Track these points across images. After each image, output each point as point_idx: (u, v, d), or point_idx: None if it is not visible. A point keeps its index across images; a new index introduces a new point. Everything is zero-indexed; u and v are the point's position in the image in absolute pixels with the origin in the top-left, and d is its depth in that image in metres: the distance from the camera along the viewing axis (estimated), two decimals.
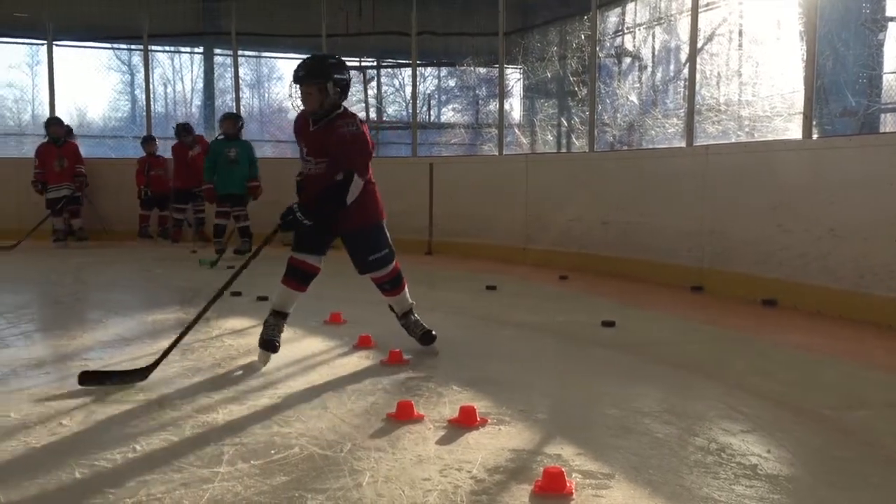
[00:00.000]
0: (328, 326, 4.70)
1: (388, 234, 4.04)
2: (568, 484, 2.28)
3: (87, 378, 3.36)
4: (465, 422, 2.87)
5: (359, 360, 3.93)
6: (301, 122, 4.00)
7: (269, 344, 3.88)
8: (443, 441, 2.72)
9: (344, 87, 3.88)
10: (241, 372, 3.70)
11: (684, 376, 3.77)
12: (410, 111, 11.86)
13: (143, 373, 3.47)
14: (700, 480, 2.37)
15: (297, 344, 4.27)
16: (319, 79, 3.76)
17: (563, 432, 2.83)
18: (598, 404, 3.21)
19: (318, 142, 3.85)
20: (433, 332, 4.12)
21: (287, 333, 4.06)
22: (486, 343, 4.50)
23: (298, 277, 3.92)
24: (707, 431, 2.86)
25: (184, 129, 10.32)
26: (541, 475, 2.30)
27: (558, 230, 7.97)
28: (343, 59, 4.06)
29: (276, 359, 3.86)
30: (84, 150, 11.30)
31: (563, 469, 2.32)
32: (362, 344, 4.18)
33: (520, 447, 2.65)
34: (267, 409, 3.08)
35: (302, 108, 3.96)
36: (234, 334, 4.57)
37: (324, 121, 3.84)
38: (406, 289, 4.11)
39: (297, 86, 3.82)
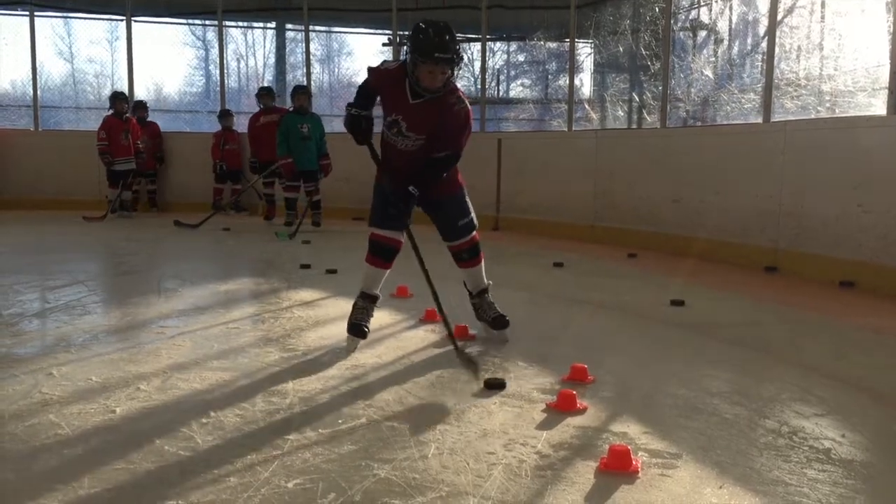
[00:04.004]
0: (395, 300, 4.74)
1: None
2: (634, 462, 2.26)
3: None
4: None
5: (425, 334, 3.95)
6: (392, 86, 3.54)
7: (356, 328, 3.67)
8: (508, 416, 2.72)
9: None
10: (310, 343, 3.76)
11: (756, 358, 3.69)
12: (479, 86, 11.79)
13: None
14: (770, 463, 2.33)
15: None
16: (459, 61, 3.42)
17: (629, 410, 2.80)
18: (665, 383, 3.17)
19: (422, 116, 3.50)
20: (506, 318, 3.82)
21: None
22: (552, 320, 4.48)
23: (382, 254, 3.73)
24: (779, 414, 2.79)
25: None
26: (606, 453, 2.29)
27: (628, 207, 7.86)
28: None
29: (344, 331, 3.88)
30: (160, 125, 11.67)
31: (629, 447, 2.30)
32: (428, 318, 4.21)
33: (585, 424, 2.64)
34: (335, 380, 3.13)
35: (385, 66, 3.66)
36: (304, 306, 4.65)
37: (429, 95, 3.45)
38: (483, 265, 3.90)
39: (425, 60, 3.33)
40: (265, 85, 11.13)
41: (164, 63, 15.50)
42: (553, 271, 6.22)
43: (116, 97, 10.46)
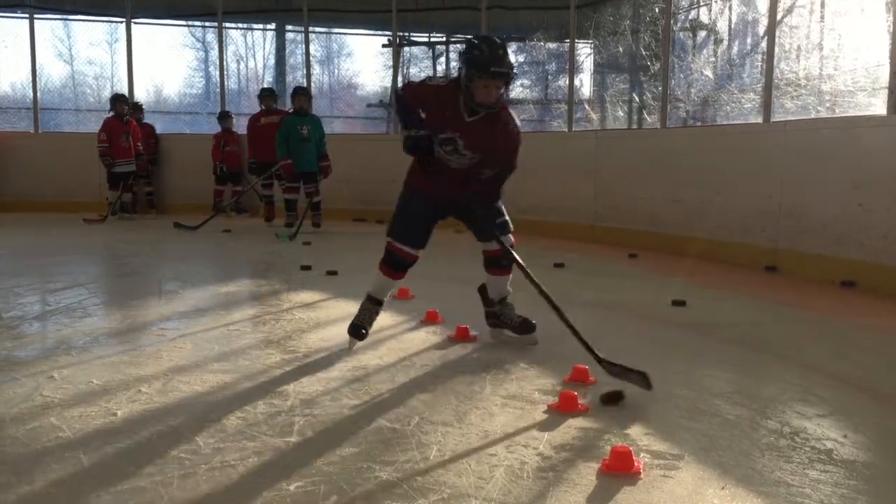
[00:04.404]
0: (396, 301, 4.73)
1: None
2: (636, 463, 2.26)
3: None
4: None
5: (426, 336, 3.95)
6: (442, 104, 3.47)
7: (356, 330, 3.67)
8: (509, 417, 2.72)
9: None
10: (311, 345, 3.76)
11: (757, 358, 3.69)
12: None
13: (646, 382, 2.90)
14: (772, 464, 2.33)
15: None
16: (514, 76, 3.41)
17: (631, 411, 2.80)
18: (667, 384, 3.16)
19: (479, 134, 3.45)
20: (533, 321, 3.74)
21: (355, 308, 4.07)
22: (553, 321, 4.46)
23: (396, 265, 3.69)
24: (780, 414, 2.79)
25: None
26: (608, 454, 2.29)
27: (628, 208, 7.86)
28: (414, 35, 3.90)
29: (345, 333, 3.89)
30: (160, 126, 11.69)
31: (631, 448, 2.29)
32: (429, 319, 4.21)
33: (587, 425, 2.64)
34: (337, 382, 3.13)
35: (433, 81, 3.66)
36: (305, 308, 4.65)
37: (484, 112, 3.42)
38: (511, 274, 3.82)
39: (481, 75, 3.29)
40: (266, 86, 11.13)
41: (164, 65, 15.52)
42: (554, 272, 6.21)
43: (117, 99, 10.48)
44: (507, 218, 3.73)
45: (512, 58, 3.34)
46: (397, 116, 3.68)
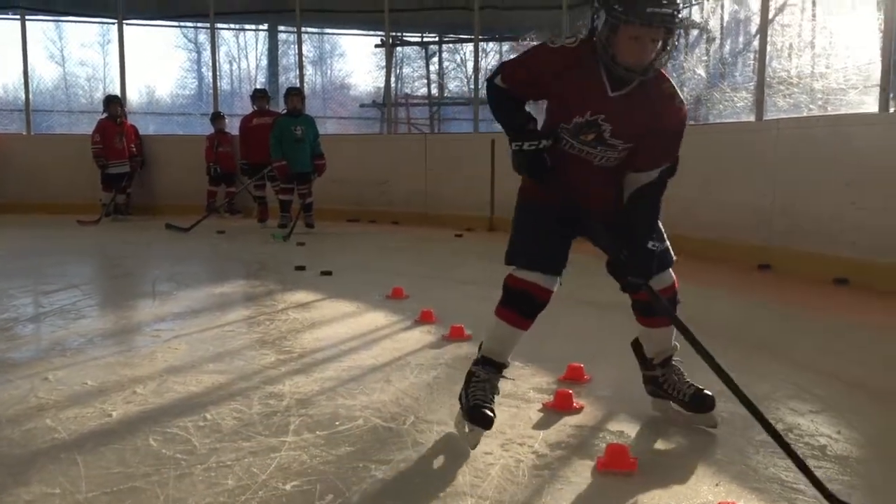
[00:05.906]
0: (390, 301, 4.74)
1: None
2: (631, 461, 2.26)
3: None
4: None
5: (421, 335, 3.95)
6: (575, 72, 2.36)
7: (480, 416, 2.41)
8: (504, 416, 2.72)
9: None
10: (306, 345, 3.76)
11: (750, 355, 3.70)
12: (472, 87, 11.80)
13: None
14: (766, 460, 2.34)
15: (360, 318, 4.33)
16: (679, 24, 2.21)
17: (626, 409, 2.81)
18: None
19: (630, 114, 2.35)
20: (709, 394, 2.60)
21: (350, 307, 4.09)
22: (548, 319, 4.46)
23: (523, 307, 2.56)
24: (774, 411, 2.80)
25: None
26: (604, 452, 2.29)
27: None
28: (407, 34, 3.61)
29: (340, 333, 3.90)
30: (153, 128, 11.65)
31: (627, 446, 2.30)
32: (424, 319, 4.21)
33: (582, 423, 2.65)
34: (332, 382, 3.13)
35: (563, 43, 2.38)
36: (299, 308, 4.65)
37: (636, 82, 2.32)
38: None
39: (628, 19, 2.16)
40: (259, 87, 11.11)
41: (157, 66, 15.52)
42: None
43: (110, 100, 10.46)
44: (668, 244, 2.68)
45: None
46: (494, 117, 2.55)
